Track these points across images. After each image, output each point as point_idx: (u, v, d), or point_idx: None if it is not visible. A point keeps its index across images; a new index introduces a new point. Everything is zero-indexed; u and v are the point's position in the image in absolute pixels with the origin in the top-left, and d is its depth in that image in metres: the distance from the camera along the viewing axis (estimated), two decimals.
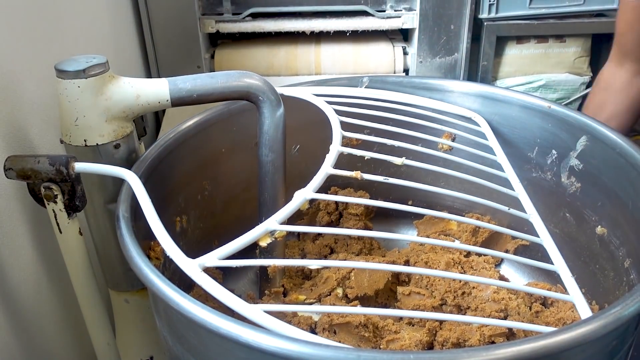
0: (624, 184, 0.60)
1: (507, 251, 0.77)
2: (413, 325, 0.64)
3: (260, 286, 0.72)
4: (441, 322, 0.62)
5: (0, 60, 0.56)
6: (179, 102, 0.56)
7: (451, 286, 0.65)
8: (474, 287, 0.65)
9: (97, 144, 0.55)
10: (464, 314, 0.64)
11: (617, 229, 0.61)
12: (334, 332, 0.62)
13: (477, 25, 1.11)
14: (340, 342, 0.60)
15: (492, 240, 0.78)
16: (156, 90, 0.55)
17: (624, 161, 0.60)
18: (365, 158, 0.57)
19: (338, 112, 0.64)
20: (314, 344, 0.36)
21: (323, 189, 0.52)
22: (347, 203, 0.81)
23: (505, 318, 0.62)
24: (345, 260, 0.74)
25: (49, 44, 0.67)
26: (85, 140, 0.55)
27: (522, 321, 0.65)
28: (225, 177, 0.73)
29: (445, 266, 0.69)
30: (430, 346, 0.61)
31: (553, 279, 0.71)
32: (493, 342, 0.58)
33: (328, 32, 1.11)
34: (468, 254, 0.72)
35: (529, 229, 0.59)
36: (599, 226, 0.64)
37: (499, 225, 0.60)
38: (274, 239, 0.48)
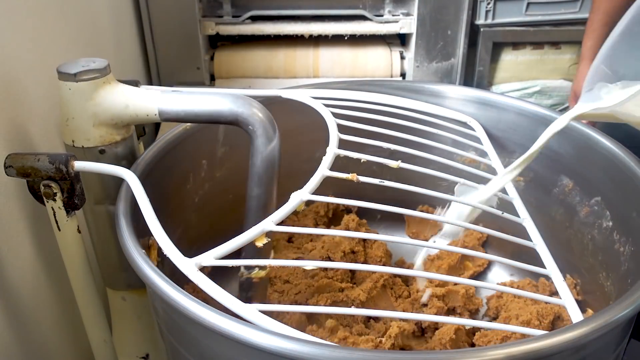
0: (617, 190, 0.61)
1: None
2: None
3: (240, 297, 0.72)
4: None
5: (3, 60, 0.57)
6: (167, 118, 0.56)
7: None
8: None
9: (82, 147, 0.56)
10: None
11: (613, 230, 0.62)
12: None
13: (473, 31, 1.12)
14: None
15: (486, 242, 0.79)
16: (146, 103, 0.55)
17: (618, 168, 0.61)
18: (362, 161, 0.58)
19: (335, 115, 0.65)
20: (307, 342, 0.37)
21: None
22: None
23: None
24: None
25: (51, 45, 0.68)
26: (73, 141, 0.56)
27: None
28: (223, 177, 0.74)
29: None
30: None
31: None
32: None
33: (327, 36, 1.12)
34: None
35: (523, 232, 0.60)
36: (594, 227, 0.65)
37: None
38: (269, 240, 0.49)
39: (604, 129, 0.65)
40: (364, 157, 0.58)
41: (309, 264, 0.48)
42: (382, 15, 1.11)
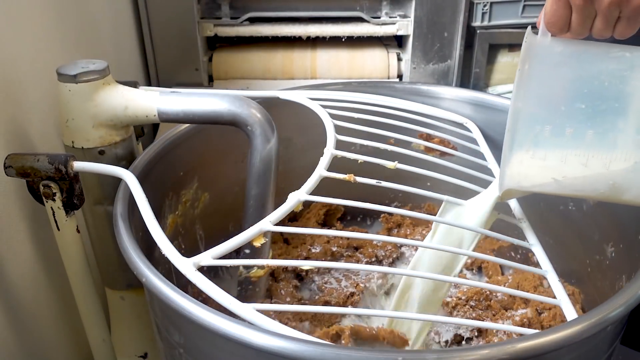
0: None
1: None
2: None
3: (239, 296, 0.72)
4: None
5: (2, 61, 0.57)
6: (166, 119, 0.57)
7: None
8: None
9: (82, 147, 0.56)
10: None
11: (608, 232, 0.63)
12: None
13: (470, 33, 1.12)
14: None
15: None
16: (145, 104, 0.56)
17: None
18: (359, 161, 0.58)
19: (332, 116, 0.65)
20: (305, 342, 0.37)
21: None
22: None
23: None
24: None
25: (51, 46, 0.68)
26: (72, 142, 0.56)
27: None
28: (222, 177, 0.74)
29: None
30: None
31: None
32: None
33: (324, 38, 1.12)
34: None
35: (519, 233, 0.60)
36: (589, 228, 0.65)
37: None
38: (267, 240, 0.49)
39: None
40: (361, 157, 0.58)
41: (308, 264, 0.48)
42: (379, 17, 1.12)
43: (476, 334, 0.67)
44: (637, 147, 0.45)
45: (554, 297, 0.50)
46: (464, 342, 0.68)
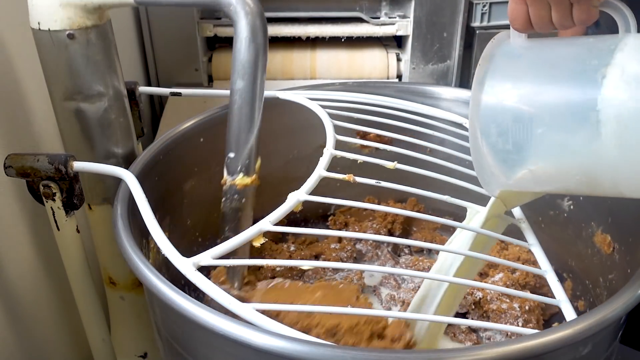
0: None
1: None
2: None
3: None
4: None
5: (2, 61, 0.57)
6: (143, 1, 0.52)
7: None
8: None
9: (49, 29, 0.52)
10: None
11: (608, 231, 0.63)
12: None
13: (469, 33, 1.12)
14: None
15: None
16: None
17: None
18: (358, 162, 0.58)
19: (332, 116, 0.66)
20: (305, 342, 0.37)
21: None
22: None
23: None
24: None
25: None
26: (39, 23, 0.52)
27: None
28: (221, 177, 0.74)
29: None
30: None
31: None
32: None
33: (323, 38, 1.12)
34: None
35: (518, 233, 0.60)
36: (588, 227, 0.66)
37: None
38: (266, 240, 0.49)
39: None
40: (360, 157, 0.58)
41: (307, 264, 0.48)
42: (378, 18, 1.12)
43: (473, 307, 0.69)
44: (598, 135, 0.41)
45: (554, 297, 0.51)
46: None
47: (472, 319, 0.68)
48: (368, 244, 0.81)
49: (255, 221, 0.49)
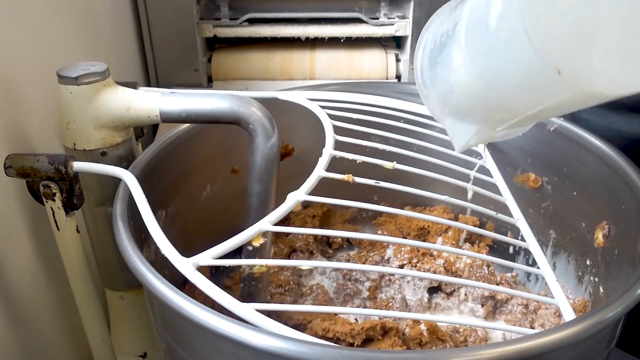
0: (607, 190, 0.62)
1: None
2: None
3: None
4: None
5: (2, 61, 0.57)
6: (168, 119, 0.57)
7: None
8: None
9: (84, 149, 0.57)
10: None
11: (604, 230, 0.63)
12: None
13: None
14: None
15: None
16: (147, 105, 0.56)
17: (609, 166, 0.61)
18: (357, 162, 0.58)
19: (331, 117, 0.66)
20: (304, 342, 0.37)
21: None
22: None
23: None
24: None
25: (50, 47, 0.68)
26: (74, 144, 0.57)
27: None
28: (221, 178, 0.74)
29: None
30: None
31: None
32: None
33: (323, 39, 1.13)
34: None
35: (516, 232, 0.60)
36: (583, 227, 0.66)
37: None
38: (265, 240, 0.50)
39: (594, 129, 0.66)
40: (359, 158, 0.58)
41: (306, 264, 0.49)
42: (377, 18, 1.12)
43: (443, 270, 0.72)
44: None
45: (552, 297, 0.51)
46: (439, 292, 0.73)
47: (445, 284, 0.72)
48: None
49: None
